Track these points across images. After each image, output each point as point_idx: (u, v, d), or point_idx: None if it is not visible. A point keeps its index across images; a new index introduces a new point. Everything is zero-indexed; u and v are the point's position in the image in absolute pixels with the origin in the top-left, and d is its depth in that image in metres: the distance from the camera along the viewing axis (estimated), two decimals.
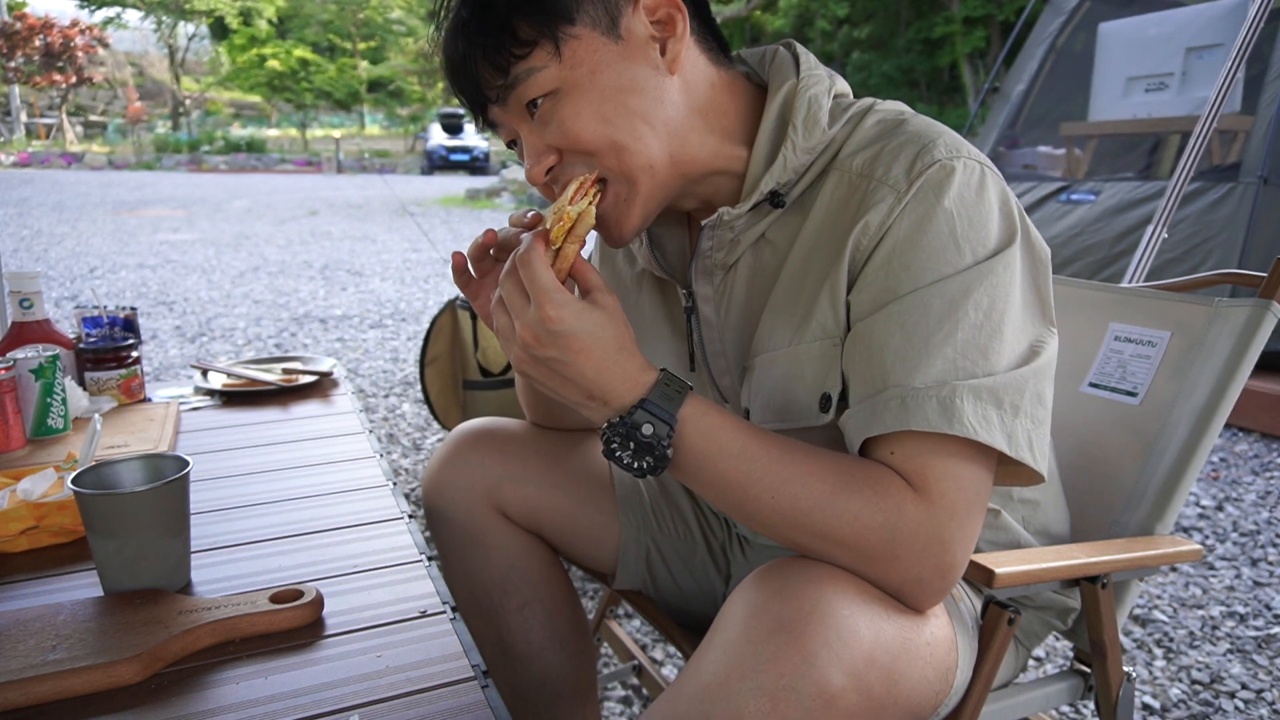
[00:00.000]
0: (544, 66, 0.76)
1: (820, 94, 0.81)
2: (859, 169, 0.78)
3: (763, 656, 0.63)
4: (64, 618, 0.83)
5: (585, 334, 0.71)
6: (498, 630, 1.09)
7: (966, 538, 0.70)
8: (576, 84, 0.76)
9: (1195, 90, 3.80)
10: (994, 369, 0.71)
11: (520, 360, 0.74)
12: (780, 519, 0.70)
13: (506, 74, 0.76)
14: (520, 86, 0.77)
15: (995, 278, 0.73)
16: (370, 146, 29.62)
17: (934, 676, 0.73)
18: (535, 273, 0.71)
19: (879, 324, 0.73)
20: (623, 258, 1.02)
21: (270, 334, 4.70)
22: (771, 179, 0.80)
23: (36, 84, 24.86)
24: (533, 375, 0.74)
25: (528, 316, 0.71)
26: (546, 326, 0.70)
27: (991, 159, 3.91)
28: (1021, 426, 0.71)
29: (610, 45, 0.77)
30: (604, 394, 0.72)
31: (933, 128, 0.78)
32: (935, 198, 0.73)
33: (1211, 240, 3.43)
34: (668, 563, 1.14)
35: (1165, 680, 1.71)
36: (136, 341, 1.60)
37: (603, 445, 0.72)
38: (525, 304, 0.72)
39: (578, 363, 0.71)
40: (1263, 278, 1.06)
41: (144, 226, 9.78)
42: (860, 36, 19.74)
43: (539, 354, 0.72)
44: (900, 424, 0.69)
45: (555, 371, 0.72)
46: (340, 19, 34.25)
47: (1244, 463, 2.92)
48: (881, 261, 0.74)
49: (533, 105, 0.78)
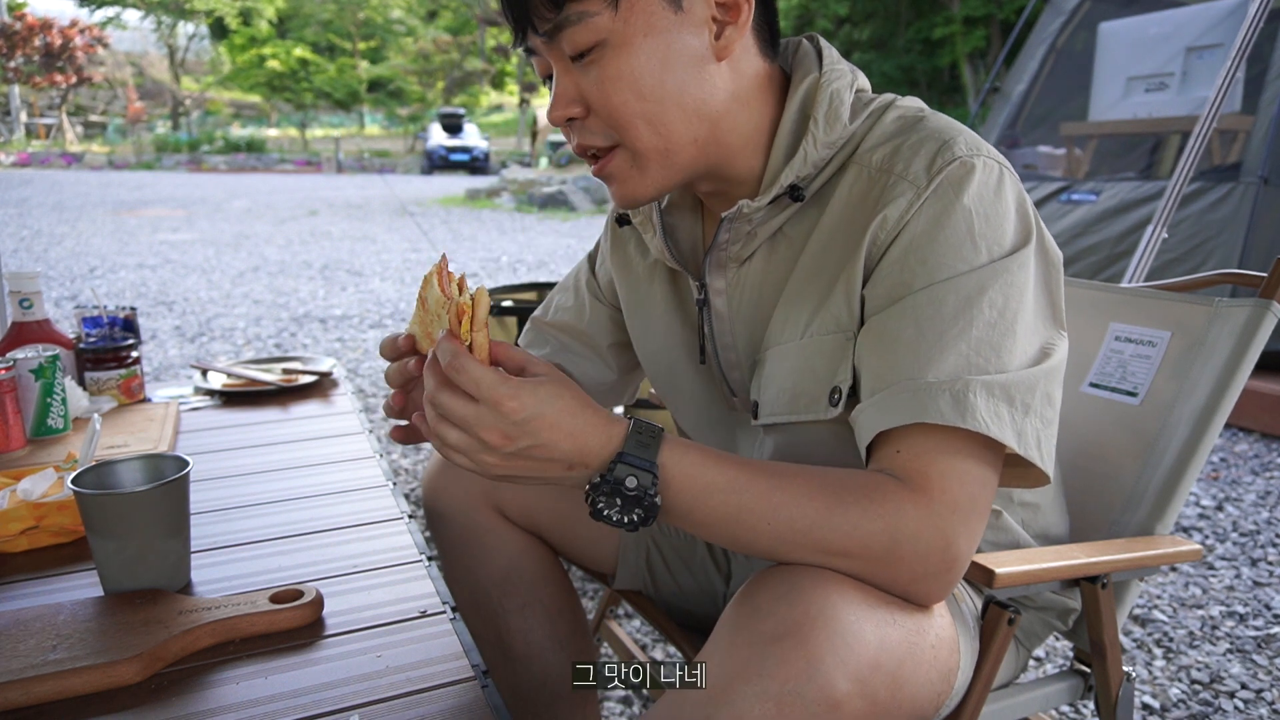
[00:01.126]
0: (598, 13, 0.73)
1: (842, 88, 0.81)
2: (878, 164, 0.78)
3: (767, 661, 0.63)
4: (64, 618, 0.83)
5: (549, 409, 0.68)
6: (497, 630, 1.09)
7: (970, 533, 0.70)
8: (627, 41, 0.74)
9: (1195, 90, 3.80)
10: (1006, 367, 0.71)
11: (493, 466, 0.70)
12: (779, 543, 0.70)
13: (560, 9, 0.74)
14: (570, 28, 0.74)
15: (1010, 277, 0.73)
16: (370, 146, 29.62)
17: (937, 678, 0.73)
18: (473, 374, 0.67)
19: (893, 318, 0.73)
20: (635, 247, 1.02)
21: (270, 334, 4.70)
22: (791, 172, 0.80)
23: (36, 84, 24.86)
24: (512, 473, 0.71)
25: (485, 420, 0.67)
26: (511, 420, 0.67)
27: None
28: (1031, 425, 0.71)
29: (668, 12, 0.75)
30: (582, 458, 0.70)
31: (952, 125, 0.78)
32: (954, 194, 0.73)
33: (1212, 240, 3.43)
34: (667, 562, 1.14)
35: (1165, 680, 1.71)
36: (136, 341, 1.60)
37: (589, 509, 0.70)
38: (477, 409, 0.67)
39: (553, 439, 0.68)
40: (1263, 278, 1.06)
41: (144, 226, 9.78)
42: (861, 36, 19.74)
43: (512, 449, 0.68)
44: (913, 416, 0.69)
45: (533, 459, 0.70)
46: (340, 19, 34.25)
47: (1244, 463, 2.92)
48: (898, 256, 0.74)
49: (576, 57, 0.76)
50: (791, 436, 0.84)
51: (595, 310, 1.09)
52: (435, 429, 0.71)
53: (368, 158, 25.98)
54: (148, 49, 37.84)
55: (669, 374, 1.00)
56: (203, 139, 27.07)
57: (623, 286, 1.03)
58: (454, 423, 0.69)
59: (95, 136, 29.29)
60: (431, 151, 23.00)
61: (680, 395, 1.01)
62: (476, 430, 0.68)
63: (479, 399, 0.67)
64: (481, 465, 0.70)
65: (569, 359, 1.10)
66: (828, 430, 0.80)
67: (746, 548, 0.72)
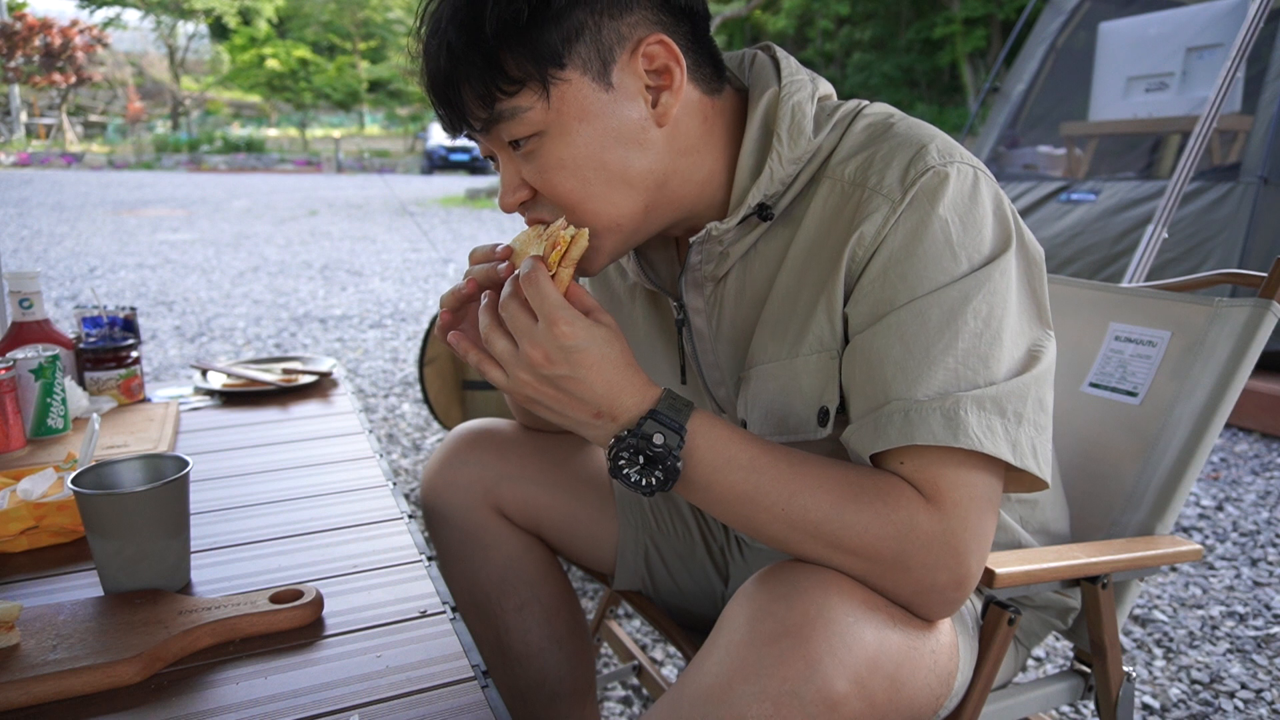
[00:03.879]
0: (530, 107, 0.73)
1: (803, 100, 0.80)
2: (851, 177, 0.77)
3: (766, 661, 0.63)
4: (64, 618, 0.83)
5: (596, 349, 0.70)
6: (496, 630, 1.09)
7: (981, 547, 0.70)
8: (563, 129, 0.74)
9: (1195, 90, 3.80)
10: (995, 377, 0.71)
11: (524, 384, 0.72)
12: (790, 531, 0.70)
13: (491, 107, 0.74)
14: (505, 123, 0.75)
15: (993, 284, 0.72)
16: (370, 146, 29.62)
17: (936, 680, 0.73)
18: (544, 291, 0.70)
19: (878, 336, 0.73)
20: (614, 269, 1.01)
21: (270, 334, 4.70)
22: (758, 192, 0.79)
23: (36, 84, 24.85)
24: (539, 397, 0.73)
25: (537, 335, 0.70)
26: (560, 343, 0.69)
27: (992, 159, 3.91)
28: (1025, 434, 0.71)
29: (599, 92, 0.74)
30: (612, 408, 0.71)
31: (923, 130, 0.77)
32: (930, 205, 0.72)
33: (1211, 240, 3.43)
34: (666, 563, 1.14)
35: (1165, 680, 1.71)
36: (136, 341, 1.60)
37: (609, 464, 0.72)
38: (533, 324, 0.70)
39: (589, 378, 0.70)
40: (1263, 278, 1.06)
41: (144, 226, 9.78)
42: (861, 36, 19.74)
43: (549, 372, 0.70)
44: (905, 439, 0.69)
45: (564, 390, 0.71)
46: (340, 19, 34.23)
47: (1244, 463, 2.92)
48: (878, 272, 0.74)
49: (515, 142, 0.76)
50: None
51: None
52: (486, 335, 0.74)
53: (368, 158, 25.98)
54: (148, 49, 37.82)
55: None
56: (203, 139, 27.08)
57: (603, 307, 1.03)
58: (506, 331, 0.72)
59: (95, 136, 29.30)
60: (431, 151, 23.02)
61: None
62: (524, 344, 0.70)
63: (539, 316, 0.70)
64: (515, 381, 0.73)
65: None
66: (819, 449, 0.79)
67: (758, 531, 0.72)
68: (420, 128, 29.42)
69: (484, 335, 0.74)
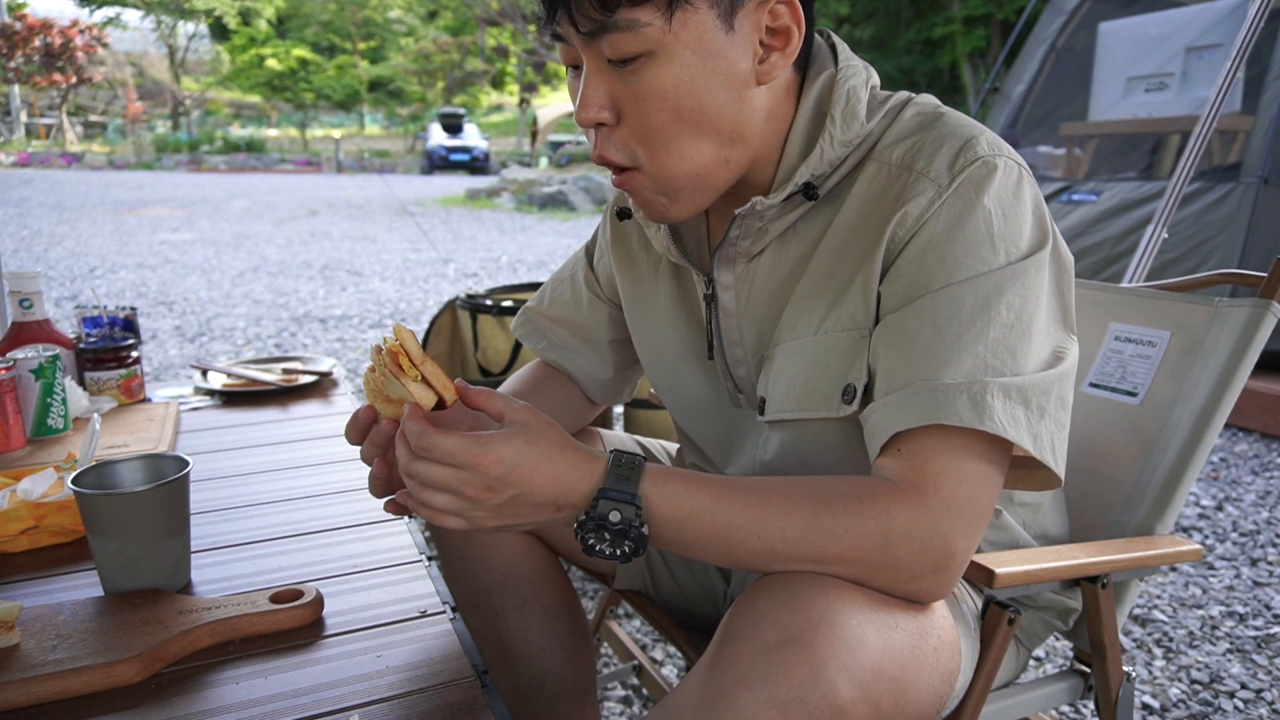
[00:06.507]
0: (649, 23, 0.70)
1: (858, 85, 0.80)
2: (899, 160, 0.77)
3: (771, 667, 0.63)
4: (64, 618, 0.83)
5: (527, 458, 0.69)
6: (496, 630, 1.09)
7: (968, 530, 0.70)
8: (675, 55, 0.72)
9: (1195, 90, 3.80)
10: (1022, 369, 0.71)
11: (485, 519, 0.71)
12: (773, 555, 0.70)
13: (612, 11, 0.70)
14: (617, 33, 0.71)
15: (1028, 279, 0.72)
16: (370, 146, 29.63)
17: (939, 681, 0.73)
18: (445, 446, 0.68)
19: (910, 317, 0.73)
20: (637, 242, 1.01)
21: (270, 334, 4.70)
22: (807, 170, 0.79)
23: (36, 84, 24.86)
24: (505, 522, 0.72)
25: (467, 480, 0.68)
26: (492, 474, 0.68)
27: None
28: (1046, 429, 0.71)
29: (720, 31, 0.72)
30: (566, 497, 0.71)
31: (972, 124, 0.78)
32: (976, 194, 0.73)
33: (1211, 240, 3.43)
34: (667, 563, 1.14)
35: (1165, 680, 1.71)
36: (136, 341, 1.60)
37: (581, 546, 0.71)
38: (456, 472, 0.69)
39: (535, 483, 0.69)
40: (1263, 278, 1.06)
41: (144, 226, 9.78)
42: (861, 36, 19.74)
43: (499, 501, 0.69)
44: (930, 418, 0.69)
45: (520, 505, 0.70)
46: (340, 19, 34.27)
47: (1244, 463, 2.92)
48: (916, 254, 0.74)
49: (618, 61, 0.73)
50: (798, 434, 0.84)
51: (594, 306, 1.08)
52: (420, 497, 0.71)
53: (368, 158, 25.99)
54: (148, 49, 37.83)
55: (671, 371, 1.00)
56: (203, 139, 27.08)
57: (624, 281, 1.03)
58: (437, 487, 0.70)
59: (95, 136, 29.31)
60: (431, 151, 23.01)
61: (682, 393, 1.00)
62: (461, 490, 0.69)
63: (455, 463, 0.68)
64: (474, 521, 0.71)
65: (565, 355, 1.10)
66: (835, 428, 0.80)
67: (742, 563, 0.72)
68: (420, 128, 29.44)
69: (420, 500, 0.72)
